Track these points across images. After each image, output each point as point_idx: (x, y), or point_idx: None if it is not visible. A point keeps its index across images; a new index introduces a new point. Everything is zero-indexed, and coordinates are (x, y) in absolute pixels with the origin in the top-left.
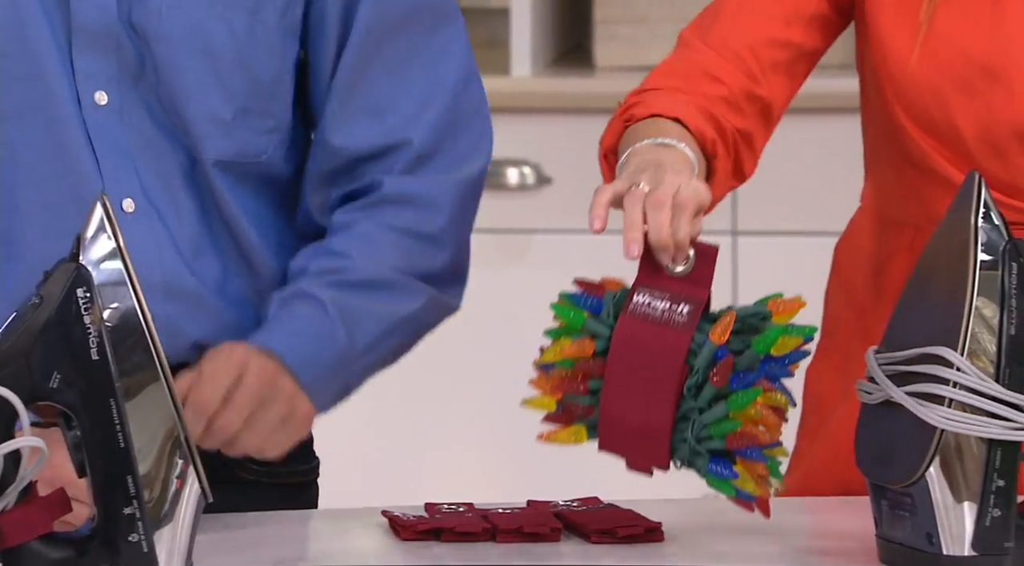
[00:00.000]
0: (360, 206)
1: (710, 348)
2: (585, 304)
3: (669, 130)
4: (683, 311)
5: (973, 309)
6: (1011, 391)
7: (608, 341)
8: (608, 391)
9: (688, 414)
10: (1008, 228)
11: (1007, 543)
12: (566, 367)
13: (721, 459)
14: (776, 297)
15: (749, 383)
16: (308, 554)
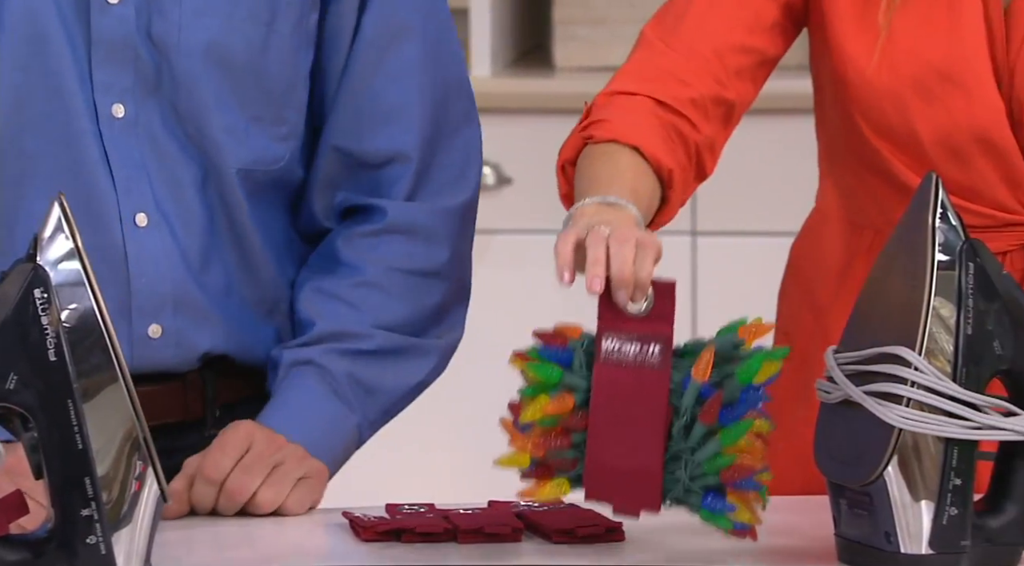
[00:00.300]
0: (364, 234)
1: (695, 387)
2: (554, 357)
3: (622, 173)
4: (654, 351)
5: (931, 309)
6: (968, 390)
7: (586, 393)
8: (594, 441)
9: (679, 454)
10: (965, 228)
11: (963, 541)
12: (547, 425)
13: (714, 493)
14: (741, 323)
15: (738, 416)
16: (269, 555)
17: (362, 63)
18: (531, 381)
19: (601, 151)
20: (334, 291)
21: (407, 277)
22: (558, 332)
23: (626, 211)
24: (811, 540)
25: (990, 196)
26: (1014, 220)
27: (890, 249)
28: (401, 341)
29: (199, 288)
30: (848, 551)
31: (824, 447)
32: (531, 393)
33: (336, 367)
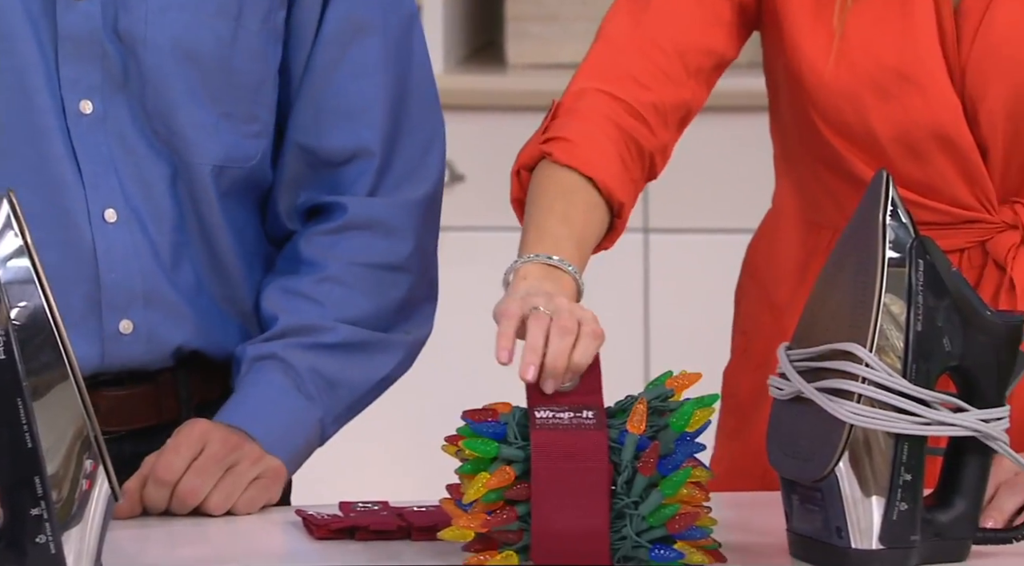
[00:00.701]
0: (325, 232)
1: (632, 440)
2: (488, 432)
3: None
4: (589, 415)
5: (881, 306)
6: (918, 386)
7: (525, 463)
8: (538, 508)
9: (624, 511)
10: (915, 225)
11: (913, 536)
12: (490, 500)
13: (661, 545)
14: (668, 375)
15: (676, 465)
16: (221, 554)
17: (324, 59)
18: (467, 459)
19: (558, 179)
20: (296, 288)
21: (370, 271)
22: (487, 409)
23: (565, 280)
24: (764, 535)
25: (948, 193)
26: (972, 217)
27: (841, 246)
28: (366, 335)
29: (170, 284)
30: (800, 546)
31: (776, 443)
32: (469, 470)
33: (299, 361)
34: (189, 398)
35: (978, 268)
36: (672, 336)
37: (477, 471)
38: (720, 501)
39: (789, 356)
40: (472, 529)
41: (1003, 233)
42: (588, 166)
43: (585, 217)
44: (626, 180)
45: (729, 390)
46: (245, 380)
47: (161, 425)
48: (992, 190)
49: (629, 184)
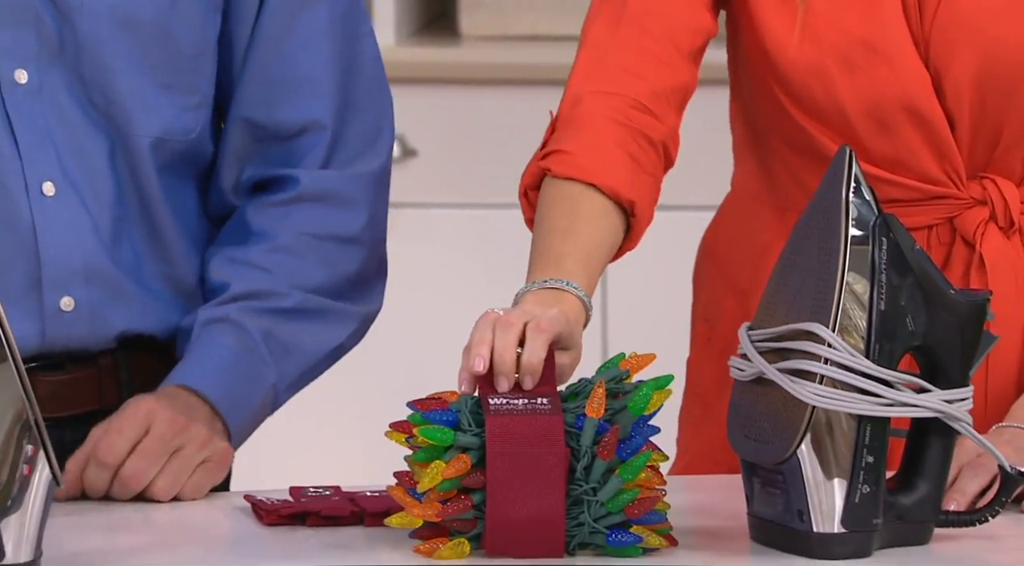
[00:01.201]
0: (276, 203)
1: (591, 424)
2: (439, 421)
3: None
4: (543, 401)
5: (844, 285)
6: (881, 367)
7: (481, 450)
8: (494, 495)
9: (582, 497)
10: (878, 203)
11: (876, 520)
12: (445, 489)
13: (618, 529)
14: (621, 357)
15: (635, 449)
16: (167, 540)
17: (271, 29)
18: (419, 447)
19: (560, 194)
20: (246, 258)
21: (322, 242)
22: (434, 398)
23: (567, 300)
24: (724, 519)
25: (917, 168)
26: (941, 192)
27: (803, 224)
28: (320, 302)
29: (111, 261)
30: (761, 530)
31: (737, 425)
32: (423, 458)
33: (252, 324)
34: (130, 382)
35: (947, 245)
36: (630, 315)
37: (431, 459)
38: (679, 485)
39: (750, 337)
40: (427, 518)
41: (971, 209)
42: (588, 173)
43: (592, 227)
44: (635, 178)
45: (694, 379)
46: (197, 343)
47: (102, 410)
48: (961, 164)
49: (639, 181)
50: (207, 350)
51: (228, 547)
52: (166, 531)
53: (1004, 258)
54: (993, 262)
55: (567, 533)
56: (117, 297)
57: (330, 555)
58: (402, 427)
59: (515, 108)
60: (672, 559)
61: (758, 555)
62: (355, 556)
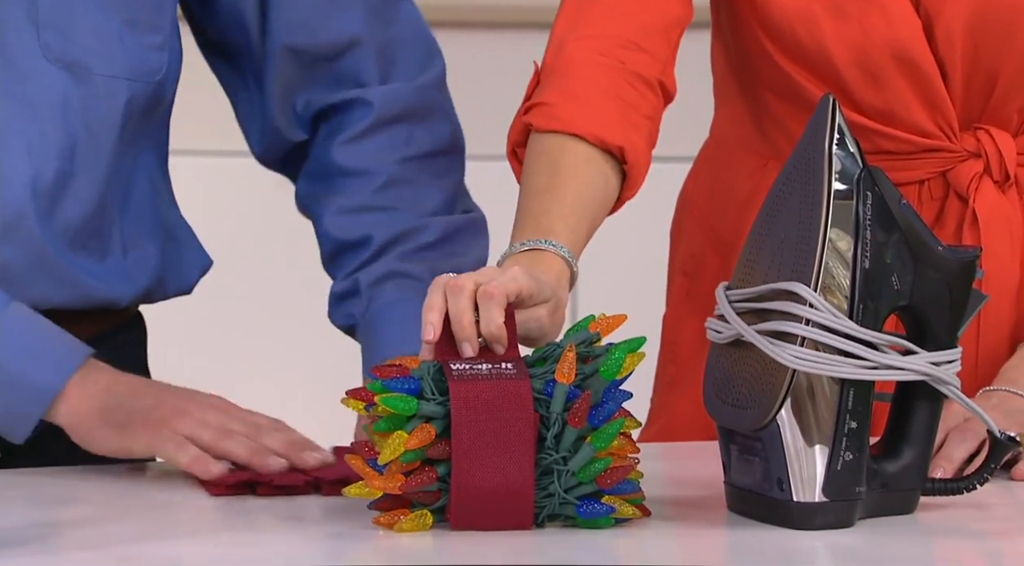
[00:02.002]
0: (358, 135)
1: (562, 390)
2: (400, 389)
3: (562, 183)
4: (508, 366)
5: (826, 242)
6: (865, 328)
7: (445, 420)
8: (459, 464)
9: (552, 467)
10: (863, 155)
11: (859, 488)
12: (408, 460)
13: (589, 500)
14: (591, 319)
15: (607, 416)
16: (109, 513)
17: None
18: (380, 416)
19: (544, 149)
20: (362, 203)
21: (425, 161)
22: (394, 365)
23: (547, 259)
24: (700, 488)
25: (908, 120)
26: (933, 145)
27: (784, 178)
28: (455, 221)
29: (40, 221)
30: (738, 500)
31: (713, 390)
32: (385, 428)
33: (416, 269)
34: None
35: (939, 200)
36: (601, 272)
37: (393, 429)
38: (653, 452)
39: (728, 296)
40: (389, 491)
41: (965, 162)
42: (570, 123)
43: (575, 180)
44: (625, 122)
45: (670, 337)
46: (377, 309)
47: None
48: (953, 115)
49: (631, 125)
50: (396, 315)
51: (173, 519)
52: (109, 503)
53: (999, 213)
54: (987, 217)
55: (536, 504)
56: (39, 266)
57: (283, 527)
58: (360, 395)
59: (505, 52)
60: (645, 530)
61: (735, 526)
62: (309, 528)
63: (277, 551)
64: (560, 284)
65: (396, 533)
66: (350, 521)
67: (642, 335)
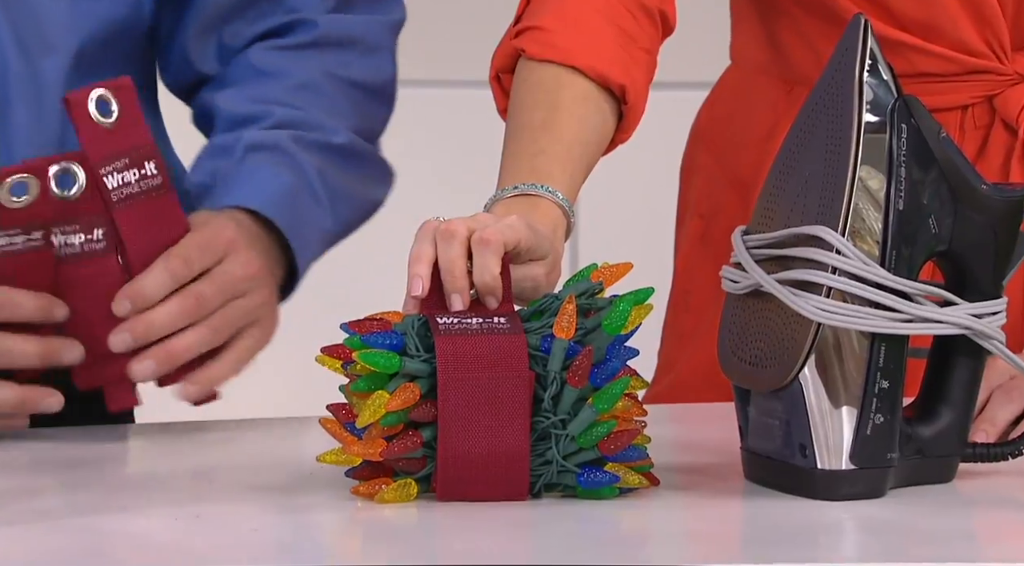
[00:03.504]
0: (291, 46)
1: (560, 346)
2: (382, 345)
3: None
4: (500, 321)
5: (856, 180)
6: (898, 277)
7: (431, 379)
8: (447, 428)
9: (549, 431)
10: (898, 83)
11: (891, 454)
12: (389, 423)
13: (590, 468)
14: (593, 268)
15: (611, 374)
16: (65, 481)
17: None
18: (358, 375)
19: (534, 80)
20: (268, 96)
21: (353, 88)
22: (374, 319)
23: (543, 205)
24: (713, 454)
25: (954, 35)
26: (980, 66)
27: (809, 109)
28: (366, 146)
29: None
30: (756, 467)
31: (729, 346)
32: (364, 388)
33: (306, 159)
34: None
35: (984, 129)
36: (603, 214)
37: (373, 389)
38: (662, 414)
39: (746, 242)
40: (369, 457)
41: (1016, 87)
42: (569, 54)
43: (575, 118)
44: (626, 57)
45: (682, 286)
46: (244, 166)
47: None
48: (1006, 32)
49: (632, 60)
50: (262, 173)
51: (132, 489)
52: (68, 471)
53: None
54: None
55: (531, 472)
56: None
57: (250, 498)
58: (336, 352)
59: None
60: (653, 501)
61: (753, 496)
62: (279, 498)
63: (243, 525)
64: (556, 236)
65: (376, 504)
66: (325, 491)
67: (650, 287)
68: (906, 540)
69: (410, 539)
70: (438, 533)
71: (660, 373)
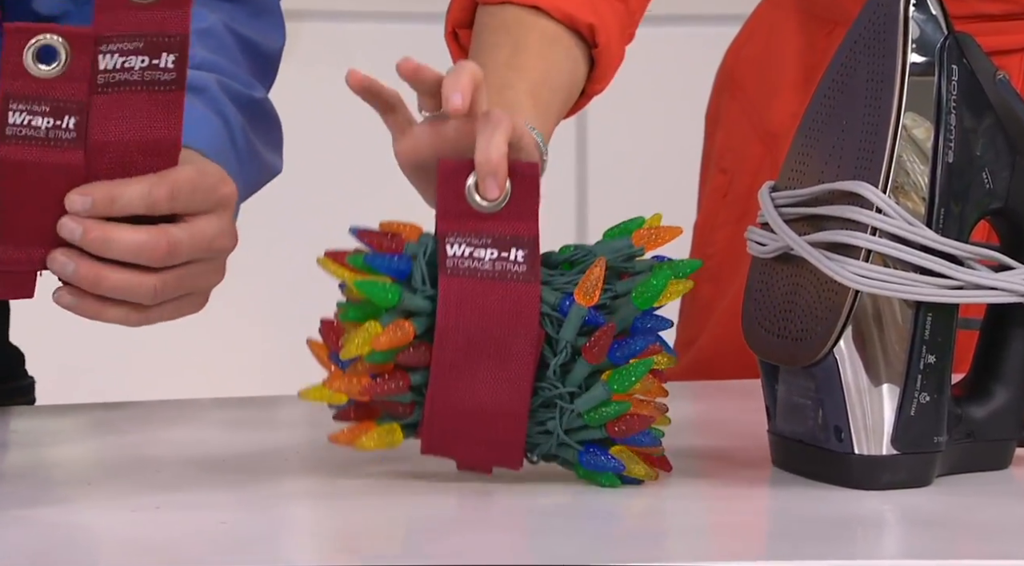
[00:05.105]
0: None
1: (578, 314)
2: (388, 268)
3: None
4: (517, 258)
5: (900, 129)
6: (947, 238)
7: (430, 318)
8: (440, 378)
9: (552, 401)
10: (949, 19)
11: (937, 437)
12: (378, 361)
13: (594, 446)
14: (637, 225)
15: (633, 353)
16: (6, 466)
17: None
18: (352, 300)
19: (494, 23)
20: None
21: (245, 45)
22: (390, 231)
23: None
24: (739, 438)
25: None
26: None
27: (847, 49)
28: (272, 109)
29: None
30: (785, 452)
31: (755, 317)
32: (356, 316)
33: (233, 113)
34: None
35: None
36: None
37: (364, 318)
38: (680, 392)
39: (775, 199)
40: (350, 394)
41: None
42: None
43: (540, 58)
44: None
45: (703, 248)
46: None
47: None
48: None
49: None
50: (196, 114)
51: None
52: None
53: None
54: None
55: (528, 440)
56: None
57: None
58: (341, 259)
59: None
60: (667, 490)
61: (781, 485)
62: (249, 487)
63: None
64: None
65: (357, 449)
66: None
67: (697, 259)
68: (955, 534)
69: (398, 534)
70: (429, 528)
71: (679, 349)
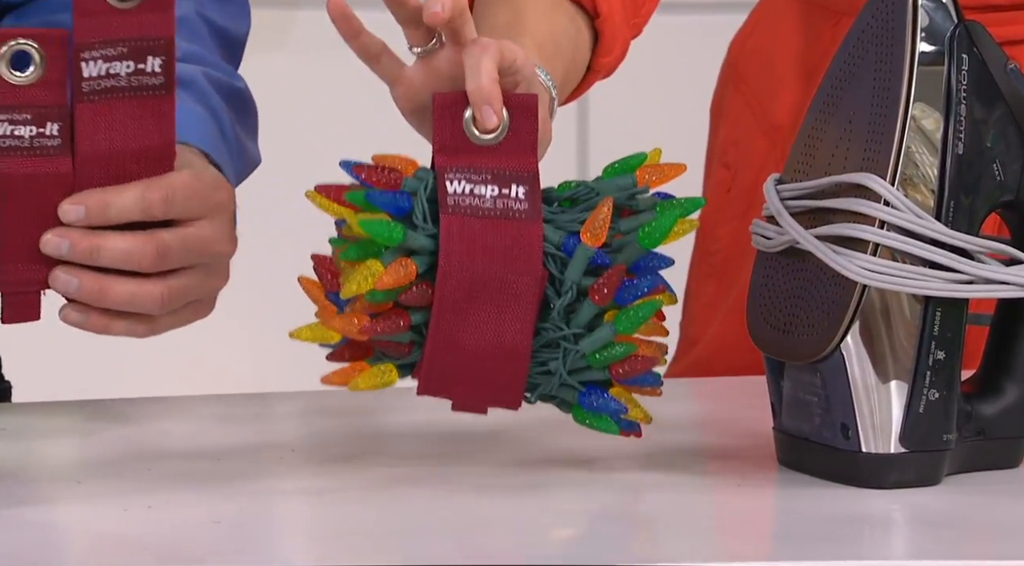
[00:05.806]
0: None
1: (584, 254)
2: (388, 205)
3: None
4: (518, 194)
5: (908, 120)
6: (957, 232)
7: (432, 257)
8: (441, 318)
9: (557, 341)
10: (959, 8)
11: (947, 435)
12: (377, 300)
13: (594, 388)
14: (639, 162)
15: (639, 294)
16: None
17: None
18: (355, 236)
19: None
20: None
21: (215, 33)
22: (387, 164)
23: None
24: (743, 436)
25: None
26: None
27: (854, 39)
28: (252, 100)
29: None
30: (791, 450)
31: (759, 312)
32: (356, 255)
33: (219, 103)
34: None
35: None
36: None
37: (365, 257)
38: (683, 389)
39: (780, 192)
40: (348, 334)
41: None
42: None
43: (543, 18)
44: None
45: (706, 245)
46: None
47: None
48: None
49: None
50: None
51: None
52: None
53: None
54: None
55: (529, 379)
56: None
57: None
58: (332, 193)
59: None
60: (671, 489)
61: (786, 484)
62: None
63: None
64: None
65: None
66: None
67: (699, 196)
68: (964, 535)
69: (395, 533)
70: (429, 526)
71: (682, 349)
